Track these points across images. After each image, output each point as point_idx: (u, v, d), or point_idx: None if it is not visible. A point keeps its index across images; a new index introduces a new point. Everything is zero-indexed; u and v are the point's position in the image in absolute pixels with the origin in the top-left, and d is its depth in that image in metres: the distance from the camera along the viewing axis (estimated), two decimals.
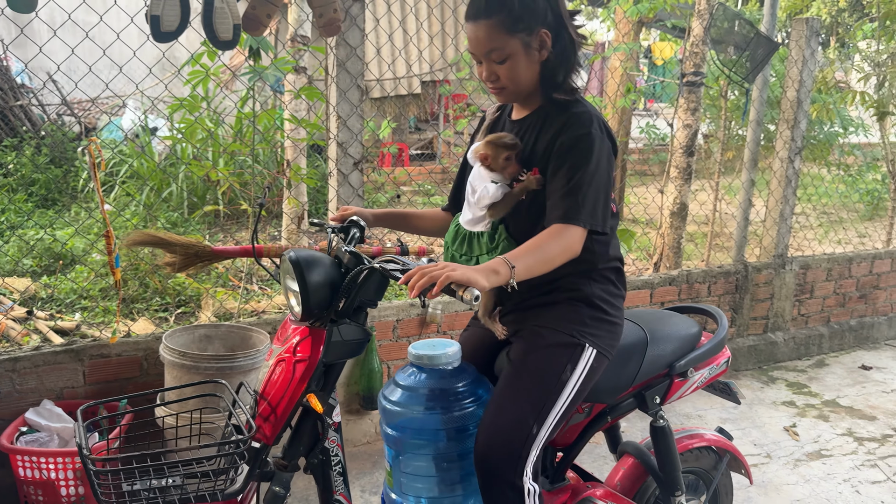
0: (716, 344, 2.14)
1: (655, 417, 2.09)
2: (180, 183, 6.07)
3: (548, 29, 1.69)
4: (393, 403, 1.73)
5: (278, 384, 1.62)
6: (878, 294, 4.83)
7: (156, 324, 3.87)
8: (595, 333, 1.78)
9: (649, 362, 1.99)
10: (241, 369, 2.51)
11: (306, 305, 1.60)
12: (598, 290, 1.80)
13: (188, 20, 2.52)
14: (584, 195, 1.64)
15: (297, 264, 1.59)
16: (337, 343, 1.63)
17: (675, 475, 2.11)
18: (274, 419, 1.60)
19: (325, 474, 1.73)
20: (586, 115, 1.70)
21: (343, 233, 1.87)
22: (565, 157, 1.68)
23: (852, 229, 6.59)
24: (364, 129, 3.07)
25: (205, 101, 3.54)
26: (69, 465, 2.32)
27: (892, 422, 3.68)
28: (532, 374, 1.73)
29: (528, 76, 1.73)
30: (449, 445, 1.73)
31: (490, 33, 1.68)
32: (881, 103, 4.93)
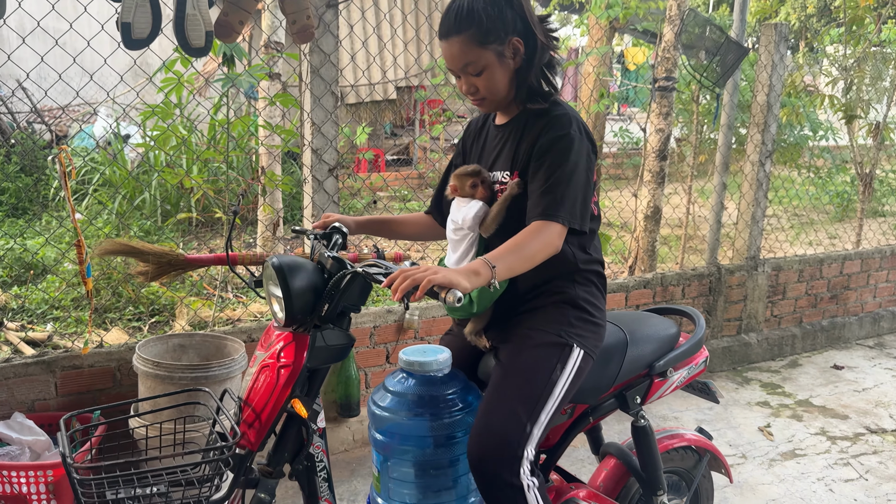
0: (694, 344, 2.18)
1: (636, 417, 2.12)
2: (153, 191, 6.00)
3: (518, 36, 1.73)
4: (382, 409, 1.74)
5: (262, 390, 1.62)
6: (848, 294, 4.91)
7: (129, 333, 3.82)
8: (581, 334, 1.82)
9: (630, 363, 2.02)
10: (216, 378, 2.48)
11: (289, 311, 1.61)
12: (581, 292, 1.84)
13: (160, 27, 2.50)
14: (562, 193, 1.68)
15: (280, 270, 1.59)
16: (321, 348, 1.63)
17: (657, 475, 2.15)
18: (258, 425, 1.60)
19: (310, 480, 1.74)
20: (565, 117, 1.75)
21: (325, 239, 1.89)
22: (544, 157, 1.72)
23: (823, 231, 6.70)
24: (339, 135, 3.06)
25: (178, 109, 3.52)
26: (41, 479, 2.28)
27: (863, 420, 3.75)
28: (523, 374, 1.76)
29: (505, 84, 1.78)
30: (437, 452, 1.74)
31: (463, 48, 1.72)
32: (849, 107, 5.02)
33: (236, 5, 2.57)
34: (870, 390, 4.13)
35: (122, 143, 6.77)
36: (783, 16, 15.01)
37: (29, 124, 7.92)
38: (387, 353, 3.38)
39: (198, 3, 2.52)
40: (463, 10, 1.71)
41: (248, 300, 4.26)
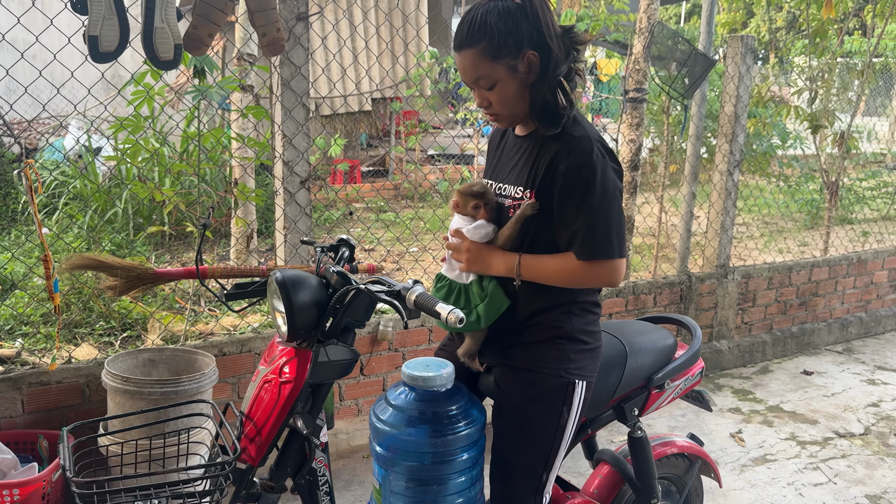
0: (691, 355, 2.22)
1: (633, 428, 2.15)
2: (124, 204, 5.94)
3: (534, 49, 1.67)
4: (383, 422, 1.73)
5: (264, 405, 1.62)
6: (817, 301, 4.99)
7: (100, 349, 3.76)
8: (581, 366, 1.81)
9: (629, 375, 2.04)
10: (186, 394, 2.46)
11: (292, 326, 1.59)
12: (578, 323, 1.81)
13: (128, 40, 2.48)
14: (603, 227, 1.67)
15: (284, 285, 1.58)
16: (324, 364, 1.63)
17: (651, 483, 2.19)
18: (259, 441, 1.60)
19: (312, 494, 1.74)
20: (586, 140, 1.68)
21: (332, 252, 1.87)
22: (569, 190, 1.68)
23: (793, 239, 6.81)
24: (311, 148, 3.06)
25: (149, 121, 3.49)
26: (7, 498, 2.24)
27: (832, 425, 3.80)
28: (532, 427, 1.78)
29: (518, 99, 1.72)
30: (439, 467, 1.73)
31: (475, 62, 1.68)
32: (814, 117, 5.12)
33: (205, 18, 2.57)
34: (838, 395, 4.20)
35: (92, 157, 6.70)
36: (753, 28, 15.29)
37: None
38: (361, 364, 3.37)
39: (166, 17, 2.52)
40: (476, 22, 1.66)
41: (221, 314, 4.23)
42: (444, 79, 9.57)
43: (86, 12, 2.39)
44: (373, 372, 3.44)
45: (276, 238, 3.11)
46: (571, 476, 3.04)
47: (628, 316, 4.14)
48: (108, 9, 2.40)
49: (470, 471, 1.78)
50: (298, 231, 3.02)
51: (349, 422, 3.39)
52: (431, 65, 8.39)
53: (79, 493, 1.42)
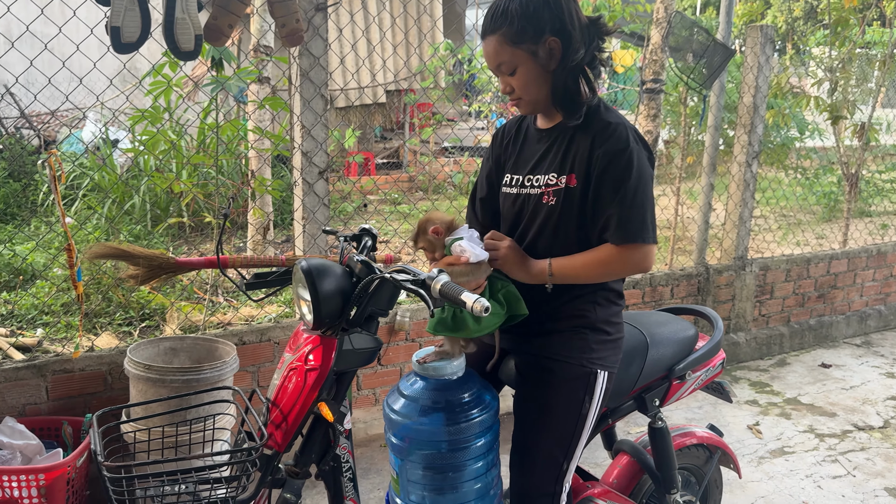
0: (713, 346, 2.21)
1: (654, 419, 2.15)
2: (143, 195, 5.99)
3: (555, 36, 1.68)
4: (396, 412, 1.75)
5: (290, 392, 1.63)
6: (835, 293, 4.96)
7: (120, 338, 3.81)
8: (603, 356, 1.81)
9: (650, 365, 2.04)
10: (207, 381, 2.48)
11: (317, 314, 1.61)
12: (602, 313, 1.82)
13: (149, 31, 2.50)
14: (642, 213, 1.68)
15: (309, 273, 1.59)
16: (348, 352, 1.64)
17: (671, 473, 2.19)
18: (285, 427, 1.61)
19: (336, 480, 1.75)
20: (621, 127, 1.70)
21: (355, 241, 1.89)
22: (606, 175, 1.69)
23: (810, 231, 6.75)
24: (329, 139, 3.08)
25: (167, 113, 3.52)
26: (33, 483, 2.28)
27: (851, 418, 3.78)
28: (553, 415, 1.79)
29: (539, 85, 1.73)
30: (454, 454, 1.75)
31: (497, 48, 1.71)
32: (834, 107, 5.07)
33: (225, 9, 2.58)
34: (857, 388, 4.17)
35: (111, 148, 6.75)
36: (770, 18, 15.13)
37: (17, 129, 7.88)
38: (379, 355, 3.39)
39: (187, 7, 2.53)
40: (499, 9, 1.70)
41: (239, 304, 4.26)
42: (459, 70, 9.56)
43: (108, 3, 2.41)
44: (390, 362, 3.45)
45: (295, 228, 3.13)
46: (589, 466, 3.04)
47: (645, 308, 4.13)
48: (130, 0, 2.42)
49: (486, 456, 1.79)
50: (317, 221, 3.03)
51: (366, 411, 3.41)
52: (447, 56, 8.38)
53: (109, 476, 1.44)
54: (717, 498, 2.52)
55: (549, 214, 1.78)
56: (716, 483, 2.49)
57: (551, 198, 1.77)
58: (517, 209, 1.85)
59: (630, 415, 2.21)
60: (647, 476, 2.25)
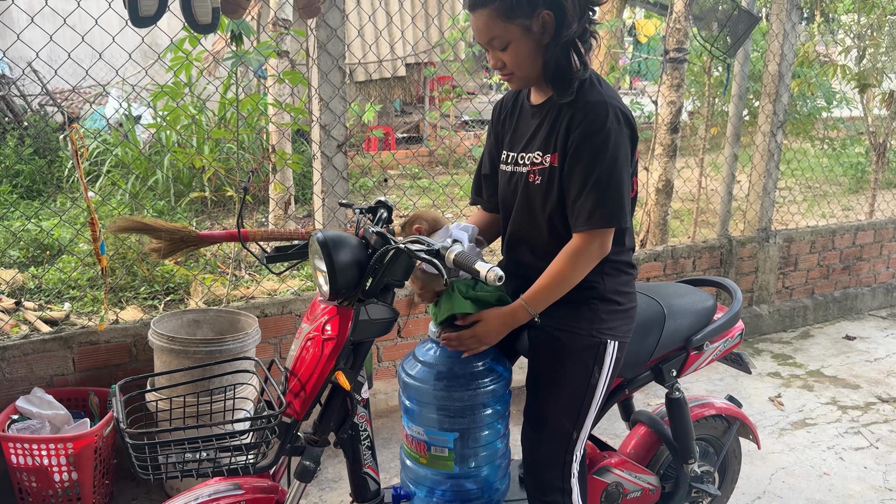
0: (731, 317, 2.21)
1: (671, 390, 2.17)
2: (165, 171, 6.04)
3: (548, 9, 1.64)
4: (411, 377, 1.82)
5: (308, 362, 1.66)
6: (861, 265, 4.88)
7: (144, 312, 3.87)
8: (612, 326, 1.81)
9: (667, 336, 2.04)
10: (230, 353, 2.52)
11: (334, 285, 1.62)
12: (610, 284, 1.81)
13: (167, 4, 2.51)
14: (602, 196, 1.66)
15: (325, 245, 1.61)
16: (364, 322, 1.65)
17: (689, 444, 2.21)
18: (304, 395, 1.64)
19: (354, 448, 1.78)
20: (601, 105, 1.67)
21: (371, 213, 1.90)
22: (579, 156, 1.67)
23: (836, 203, 6.65)
24: (347, 112, 3.07)
25: (187, 88, 3.53)
26: (61, 451, 2.34)
27: (875, 390, 3.75)
28: (563, 386, 1.81)
29: (532, 60, 1.70)
30: (466, 420, 1.80)
31: (488, 22, 1.66)
32: (861, 76, 4.96)
33: None
34: (882, 360, 4.13)
35: (133, 124, 6.80)
36: None
37: (41, 106, 7.96)
38: (398, 326, 3.40)
39: None
40: None
41: (262, 277, 4.30)
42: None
43: None
44: (410, 334, 3.47)
45: (314, 202, 3.14)
46: (608, 437, 3.05)
47: (666, 280, 4.10)
48: None
49: (495, 424, 1.84)
50: (336, 195, 3.04)
51: (387, 382, 3.44)
52: (466, 27, 8.29)
53: (132, 443, 1.47)
54: (736, 468, 2.52)
55: (536, 193, 1.77)
56: (734, 454, 2.50)
57: (537, 177, 1.76)
58: (511, 188, 1.84)
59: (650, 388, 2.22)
60: (665, 446, 2.26)
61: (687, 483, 2.25)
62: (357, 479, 1.80)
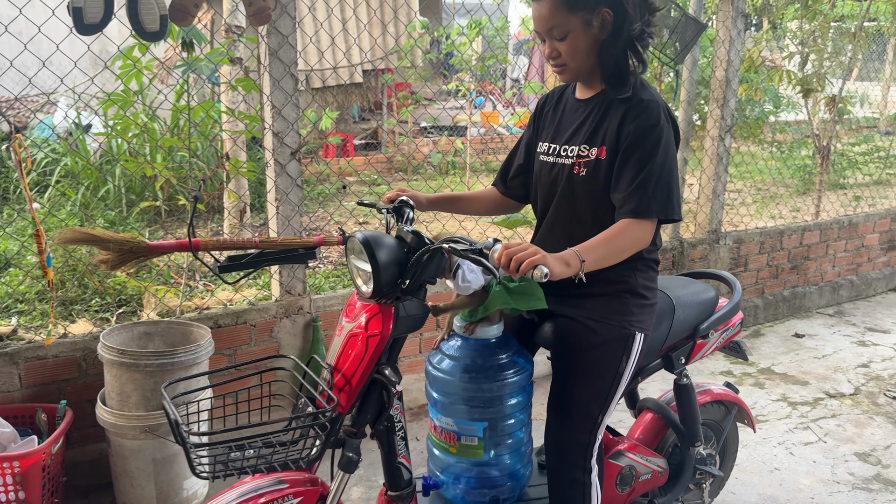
0: (732, 307, 2.37)
1: (680, 376, 2.32)
2: (117, 180, 5.92)
3: (609, 8, 1.74)
4: (438, 369, 1.93)
5: (352, 357, 1.71)
6: (808, 265, 5.03)
7: (96, 325, 3.78)
8: (641, 319, 1.92)
9: (677, 326, 2.18)
10: (182, 365, 2.48)
11: (377, 284, 1.67)
12: (641, 279, 1.91)
13: (112, 12, 2.46)
14: (654, 187, 1.73)
15: (368, 244, 1.66)
16: (403, 318, 1.72)
17: (695, 427, 2.37)
18: (349, 389, 1.70)
19: (389, 440, 1.83)
20: (653, 104, 1.77)
21: (396, 213, 1.96)
22: (633, 149, 1.75)
23: (786, 204, 6.83)
24: (300, 119, 3.05)
25: (137, 96, 3.47)
26: (7, 471, 2.27)
27: (823, 386, 3.86)
28: (592, 373, 1.90)
29: (587, 53, 1.79)
30: (494, 410, 1.90)
31: (551, 11, 1.75)
32: (805, 81, 5.11)
33: None
34: (829, 357, 4.25)
35: (82, 133, 6.65)
36: None
37: None
38: None
39: None
40: None
41: (216, 288, 4.24)
42: (436, 49, 9.49)
43: None
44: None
45: (268, 210, 3.12)
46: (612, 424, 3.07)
47: None
48: None
49: (519, 414, 1.96)
50: (290, 203, 3.02)
51: None
52: (420, 35, 8.32)
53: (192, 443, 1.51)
54: (734, 450, 2.70)
55: (580, 185, 1.85)
56: (733, 437, 2.66)
57: (582, 168, 1.84)
58: (552, 178, 1.92)
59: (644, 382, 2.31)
60: (671, 431, 2.42)
61: (692, 465, 2.40)
62: (391, 470, 1.86)
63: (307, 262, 2.88)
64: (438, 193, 2.16)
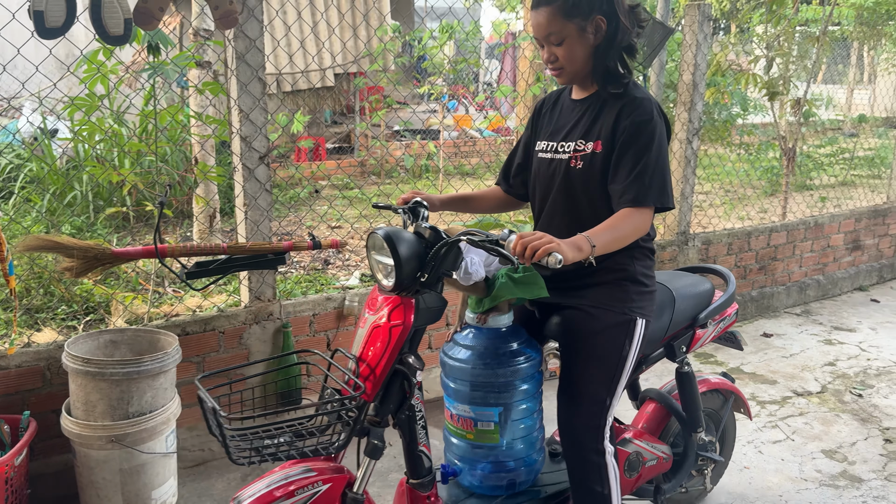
0: (728, 298, 2.50)
1: (681, 364, 2.44)
2: (84, 186, 5.82)
3: (603, 15, 1.87)
4: (452, 359, 2.04)
5: (377, 348, 1.78)
6: (776, 265, 5.10)
7: (63, 333, 3.71)
8: (641, 305, 2.03)
9: (677, 315, 2.29)
10: (148, 373, 2.45)
11: (399, 277, 1.75)
12: (639, 267, 2.03)
13: (75, 16, 2.43)
14: (650, 178, 1.85)
15: (390, 239, 1.74)
16: (423, 310, 1.80)
17: (697, 414, 2.49)
18: (374, 378, 1.77)
19: (410, 428, 1.90)
20: (646, 101, 1.90)
21: (411, 213, 2.06)
22: (629, 143, 1.88)
23: (753, 206, 6.92)
24: (268, 122, 3.03)
25: (104, 100, 3.42)
26: None
27: (790, 384, 3.91)
28: (597, 358, 2.01)
29: (582, 57, 1.92)
30: (508, 395, 2.01)
31: (549, 18, 1.88)
32: (770, 84, 5.19)
33: None
34: (797, 356, 4.32)
35: (48, 138, 6.54)
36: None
37: None
38: (327, 340, 3.38)
39: None
40: None
41: (185, 294, 4.19)
42: (408, 53, 9.48)
43: None
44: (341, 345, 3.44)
45: (237, 215, 3.09)
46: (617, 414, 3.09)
47: None
48: None
49: (530, 400, 2.06)
50: (259, 207, 3.00)
51: None
52: (394, 38, 8.31)
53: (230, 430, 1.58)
54: (733, 437, 2.83)
55: (577, 177, 1.97)
56: (731, 425, 2.79)
57: (578, 162, 1.96)
58: (550, 172, 2.04)
59: None
60: (674, 419, 2.53)
61: (695, 451, 2.51)
62: (413, 458, 1.92)
63: (277, 267, 2.86)
64: (450, 194, 2.26)
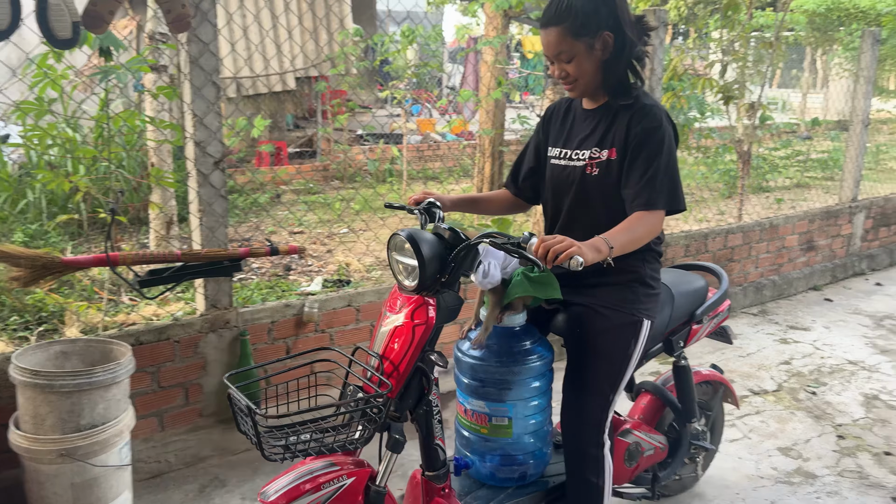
0: (721, 295, 2.61)
1: (678, 358, 2.54)
2: (37, 193, 5.68)
3: (610, 31, 1.96)
4: (467, 355, 2.11)
5: (400, 346, 1.83)
6: (732, 266, 5.19)
7: (15, 344, 3.61)
8: (648, 307, 2.12)
9: (676, 312, 2.38)
10: (100, 384, 2.39)
11: (422, 277, 1.80)
12: (648, 269, 2.11)
13: (20, 19, 2.37)
14: (661, 182, 1.93)
15: (413, 240, 1.78)
16: (444, 309, 1.84)
17: (693, 405, 2.62)
18: (397, 375, 1.82)
19: (427, 423, 1.95)
20: (656, 108, 1.99)
21: (427, 213, 2.11)
22: (640, 149, 1.96)
23: (710, 208, 7.04)
24: (231, 127, 3.00)
25: (55, 105, 3.34)
26: None
27: (747, 383, 3.98)
28: (604, 356, 2.09)
29: (592, 72, 2.00)
30: (521, 391, 2.07)
31: (559, 38, 1.96)
32: (726, 88, 5.29)
33: None
34: (753, 355, 4.39)
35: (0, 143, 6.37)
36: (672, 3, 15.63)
37: None
38: (287, 348, 3.34)
39: None
40: (563, 4, 1.94)
41: (140, 303, 4.12)
42: (371, 57, 9.45)
43: None
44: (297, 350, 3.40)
45: (191, 221, 3.04)
46: None
47: None
48: None
49: (540, 396, 2.13)
50: (214, 213, 2.96)
51: None
52: (356, 42, 8.28)
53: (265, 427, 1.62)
54: (721, 426, 2.96)
55: (592, 183, 2.05)
56: (721, 415, 2.92)
57: (594, 169, 2.04)
58: (564, 178, 2.12)
59: None
60: (668, 410, 2.63)
61: (689, 440, 2.62)
62: (429, 451, 1.97)
63: (233, 274, 2.83)
64: (459, 195, 2.31)
